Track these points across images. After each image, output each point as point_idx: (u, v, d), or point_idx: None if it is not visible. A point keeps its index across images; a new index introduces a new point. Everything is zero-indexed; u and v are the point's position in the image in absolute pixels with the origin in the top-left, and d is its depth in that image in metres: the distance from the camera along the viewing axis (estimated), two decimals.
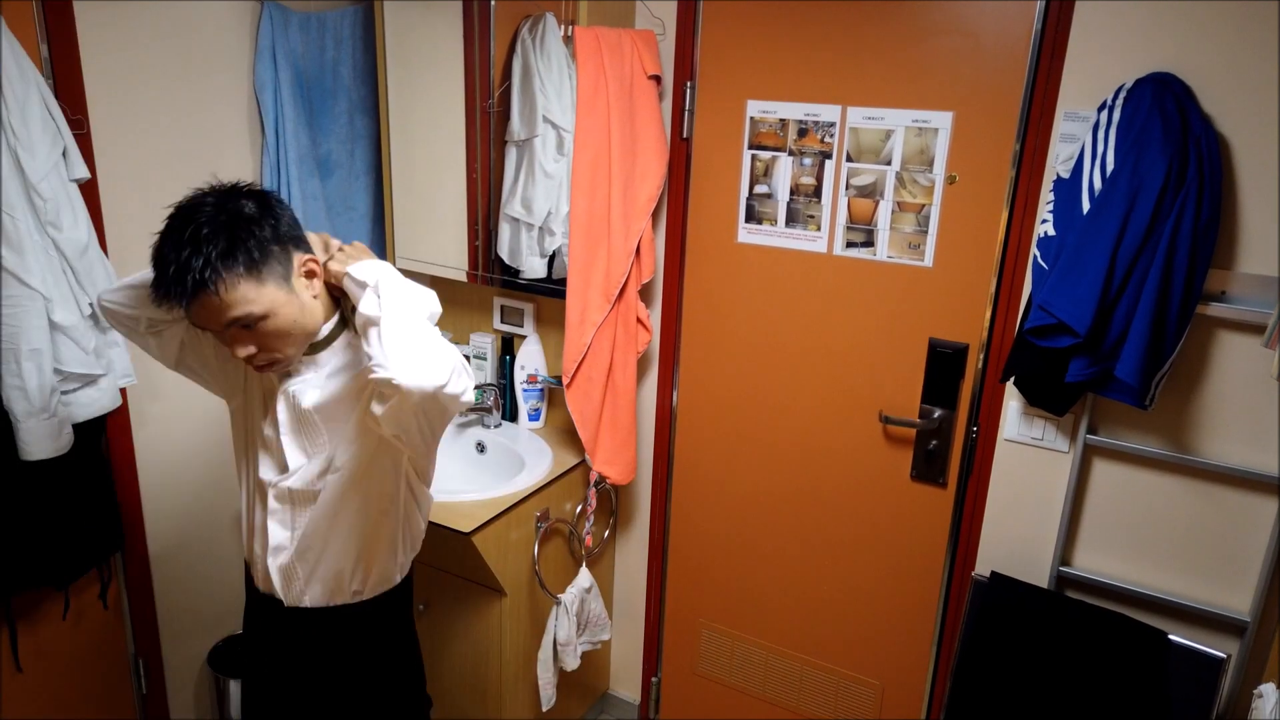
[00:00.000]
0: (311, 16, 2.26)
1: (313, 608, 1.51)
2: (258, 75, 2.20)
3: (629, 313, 2.21)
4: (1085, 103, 1.71)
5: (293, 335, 1.34)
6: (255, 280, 1.27)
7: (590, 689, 2.63)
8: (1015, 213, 1.86)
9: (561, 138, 2.08)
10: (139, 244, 2.02)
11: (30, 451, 1.71)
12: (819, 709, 2.38)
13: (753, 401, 2.28)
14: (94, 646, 2.10)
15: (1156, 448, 1.77)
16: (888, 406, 2.10)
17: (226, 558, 2.38)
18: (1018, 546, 1.95)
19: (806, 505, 2.26)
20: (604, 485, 2.37)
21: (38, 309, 1.67)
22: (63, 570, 1.91)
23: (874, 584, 2.22)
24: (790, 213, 2.12)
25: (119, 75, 1.93)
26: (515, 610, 2.15)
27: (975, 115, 1.87)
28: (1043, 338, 1.65)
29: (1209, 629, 1.79)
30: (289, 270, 1.33)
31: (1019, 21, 1.79)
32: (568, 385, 2.13)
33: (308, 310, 1.36)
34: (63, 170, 1.72)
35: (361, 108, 2.38)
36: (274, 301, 1.30)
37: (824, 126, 2.03)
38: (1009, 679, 1.87)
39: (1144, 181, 1.54)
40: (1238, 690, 1.76)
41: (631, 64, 2.07)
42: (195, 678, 2.37)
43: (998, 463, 1.95)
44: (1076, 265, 1.59)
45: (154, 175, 2.04)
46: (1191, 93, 1.60)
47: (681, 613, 2.54)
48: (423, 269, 2.40)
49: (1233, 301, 1.65)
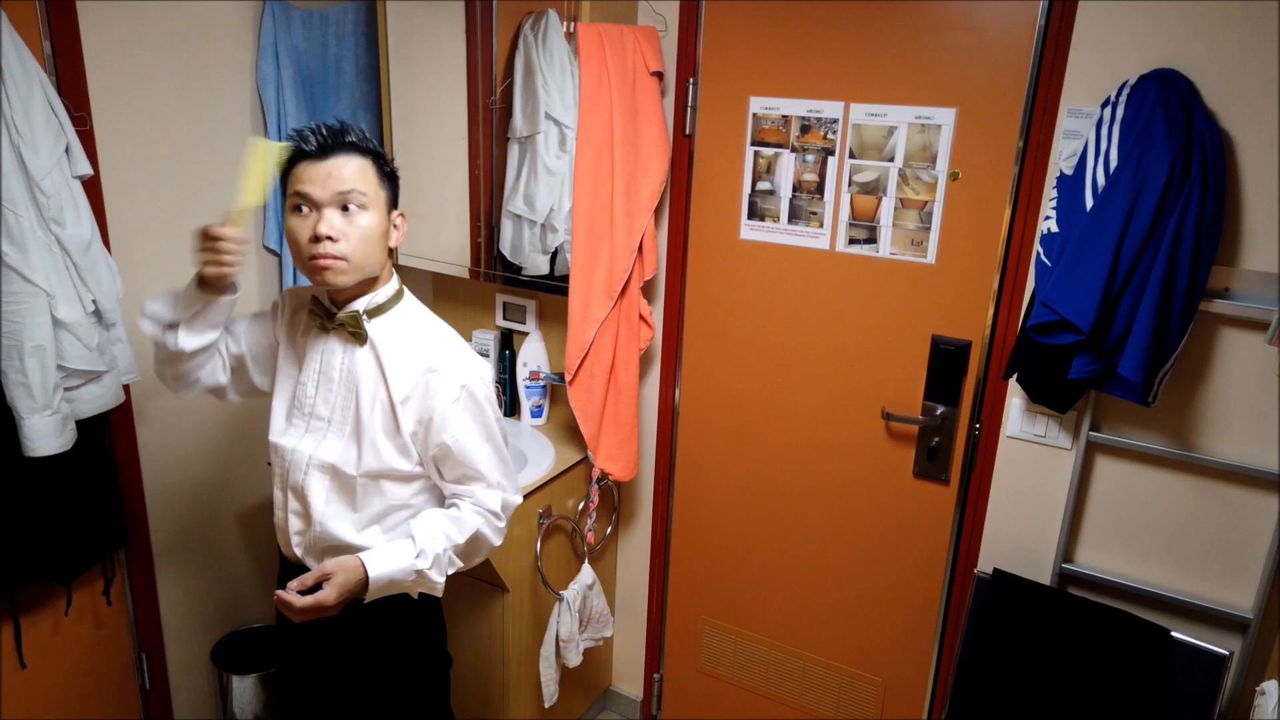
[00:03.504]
0: (314, 13, 2.26)
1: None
2: (260, 72, 2.20)
3: (631, 310, 2.21)
4: (1089, 99, 1.70)
5: (365, 248, 1.44)
6: (376, 179, 1.45)
7: (593, 685, 2.64)
8: (1018, 209, 1.86)
9: (564, 134, 2.08)
10: (142, 240, 2.04)
11: (34, 448, 1.71)
12: (821, 706, 2.38)
13: (755, 398, 2.28)
14: (97, 642, 2.11)
15: (1159, 445, 1.77)
16: (890, 403, 2.10)
17: (229, 554, 2.38)
18: (1020, 543, 1.95)
19: (808, 502, 2.26)
20: (606, 482, 2.38)
21: (41, 305, 1.67)
22: (66, 566, 1.91)
23: (876, 581, 2.22)
24: (793, 209, 2.12)
25: (122, 72, 1.93)
26: (518, 607, 2.15)
27: (978, 112, 1.87)
28: (1046, 334, 1.64)
29: (1211, 626, 1.79)
30: (390, 204, 1.49)
31: (1022, 18, 1.78)
32: (570, 382, 2.13)
33: (382, 246, 1.48)
34: (65, 167, 1.72)
35: (364, 105, 2.38)
36: (376, 206, 1.45)
37: (826, 123, 2.03)
38: (1011, 676, 1.87)
39: (1147, 178, 1.53)
40: (1240, 687, 1.76)
41: (634, 60, 2.06)
42: (198, 674, 2.37)
43: (1000, 460, 1.94)
44: (1080, 262, 1.59)
45: (156, 172, 2.04)
46: (1195, 89, 1.59)
47: (683, 609, 2.54)
48: (425, 265, 2.40)
49: (1236, 298, 1.65)
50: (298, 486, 1.52)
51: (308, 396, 1.53)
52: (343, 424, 1.50)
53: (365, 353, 1.50)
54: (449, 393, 1.46)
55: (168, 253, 2.09)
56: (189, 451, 2.23)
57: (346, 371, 1.50)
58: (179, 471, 2.21)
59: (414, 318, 1.55)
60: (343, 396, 1.50)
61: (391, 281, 1.54)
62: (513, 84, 2.12)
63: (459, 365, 1.49)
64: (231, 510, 2.37)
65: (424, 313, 1.58)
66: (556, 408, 2.48)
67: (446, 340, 1.53)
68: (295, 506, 1.54)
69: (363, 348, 1.50)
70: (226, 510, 2.36)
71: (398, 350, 1.49)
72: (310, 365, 1.53)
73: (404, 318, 1.54)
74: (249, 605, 2.47)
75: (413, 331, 1.52)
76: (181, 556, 2.26)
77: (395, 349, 1.49)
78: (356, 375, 1.49)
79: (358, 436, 1.49)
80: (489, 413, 1.52)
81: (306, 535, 1.54)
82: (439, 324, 1.57)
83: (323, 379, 1.52)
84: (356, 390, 1.49)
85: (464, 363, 1.50)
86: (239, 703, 2.30)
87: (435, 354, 1.49)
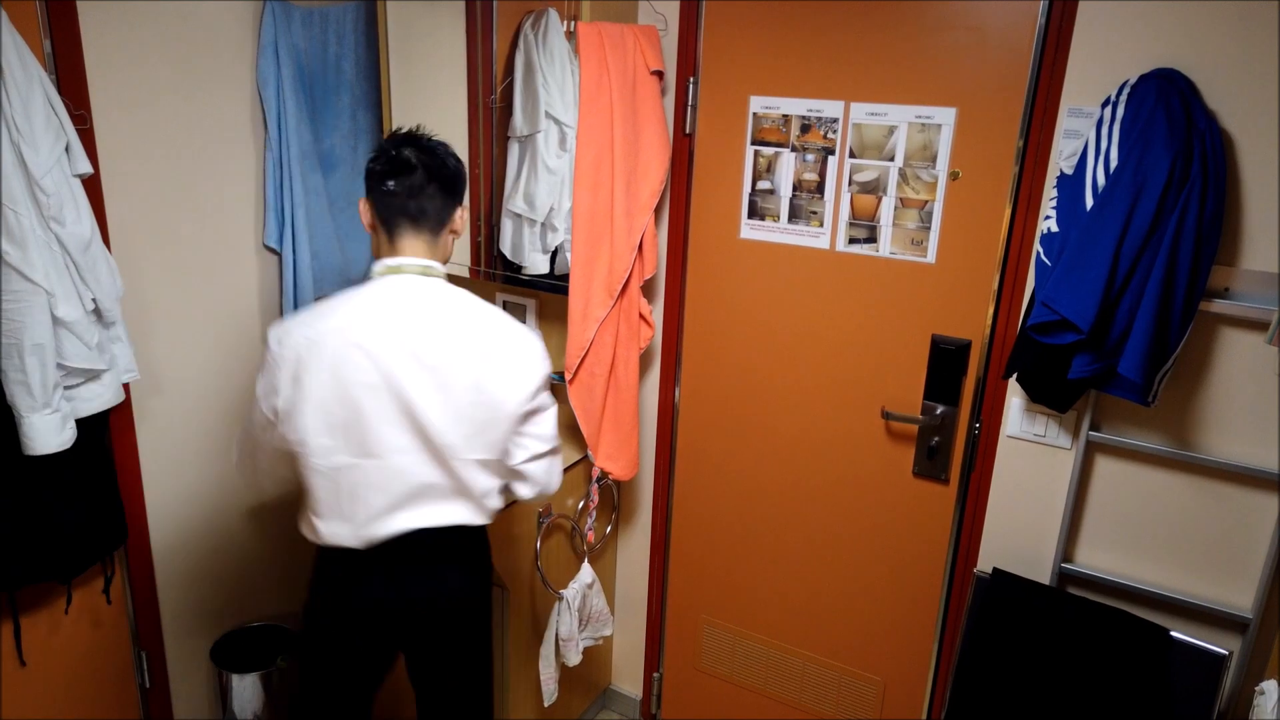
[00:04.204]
0: (314, 12, 2.26)
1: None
2: (260, 71, 2.20)
3: (631, 309, 2.21)
4: (1089, 99, 1.70)
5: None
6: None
7: (592, 684, 2.64)
8: (1018, 209, 1.86)
9: (564, 133, 2.08)
10: (141, 239, 2.03)
11: (33, 446, 1.71)
12: (821, 705, 2.38)
13: (755, 398, 2.28)
14: (97, 641, 2.11)
15: (1159, 444, 1.77)
16: (890, 403, 2.10)
17: (229, 552, 2.38)
18: (1020, 543, 1.95)
19: (808, 501, 2.26)
20: (606, 481, 2.38)
21: (41, 304, 1.67)
22: (66, 565, 1.91)
23: (876, 580, 2.22)
24: (793, 209, 2.12)
25: (122, 70, 1.93)
26: (517, 606, 2.15)
27: (978, 111, 1.87)
28: (1046, 334, 1.64)
29: (1211, 626, 1.79)
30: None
31: (1023, 17, 1.78)
32: (570, 381, 2.13)
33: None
34: (65, 165, 1.72)
35: (364, 103, 2.38)
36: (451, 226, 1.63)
37: (827, 122, 2.03)
38: (1011, 675, 1.87)
39: (1148, 178, 1.53)
40: (1239, 687, 1.76)
41: (634, 60, 2.06)
42: (198, 672, 2.37)
43: (1000, 459, 1.94)
44: (1080, 261, 1.59)
45: (156, 170, 2.04)
46: (1196, 89, 1.59)
47: (683, 608, 2.54)
48: None
49: (1236, 298, 1.65)
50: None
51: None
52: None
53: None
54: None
55: (167, 251, 2.09)
56: (189, 450, 2.23)
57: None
58: (179, 470, 2.21)
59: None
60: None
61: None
62: (513, 83, 2.12)
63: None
64: (232, 508, 2.37)
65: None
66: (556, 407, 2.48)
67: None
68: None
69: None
70: (227, 509, 2.36)
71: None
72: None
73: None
74: (249, 604, 2.47)
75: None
76: (181, 555, 2.26)
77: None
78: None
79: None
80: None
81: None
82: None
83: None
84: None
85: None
86: (239, 701, 2.30)
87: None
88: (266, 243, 2.30)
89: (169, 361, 2.13)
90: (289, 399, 1.49)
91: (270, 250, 2.33)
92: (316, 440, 1.49)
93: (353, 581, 1.60)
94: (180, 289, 2.14)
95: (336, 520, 1.54)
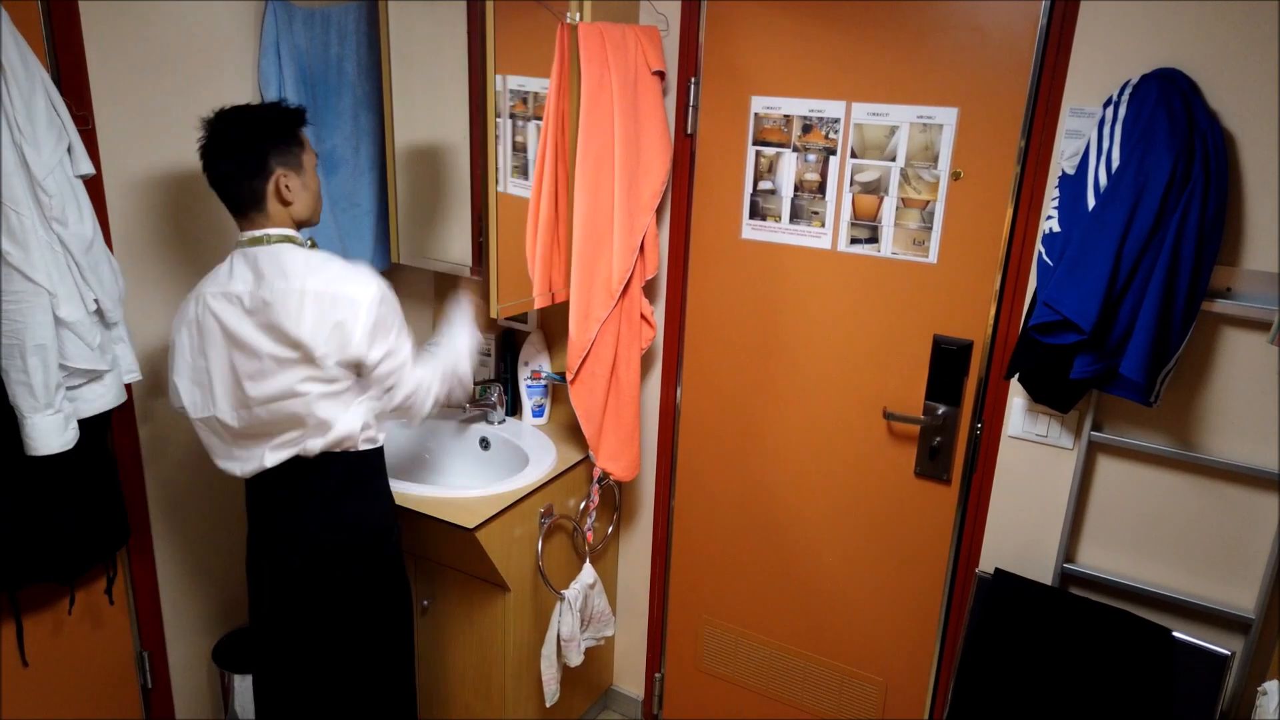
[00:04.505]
0: (316, 12, 2.26)
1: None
2: (262, 71, 2.20)
3: (633, 309, 2.21)
4: (1091, 99, 1.70)
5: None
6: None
7: (594, 685, 2.64)
8: (1020, 209, 1.86)
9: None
10: (143, 239, 2.04)
11: (36, 447, 1.71)
12: (822, 705, 2.38)
13: (756, 398, 2.28)
14: (99, 641, 2.11)
15: (1161, 444, 1.77)
16: (892, 403, 2.10)
17: (231, 552, 2.38)
18: (1022, 543, 1.95)
19: (810, 501, 2.26)
20: (608, 481, 2.38)
21: (43, 304, 1.67)
22: (68, 565, 1.91)
23: (878, 581, 2.22)
24: (794, 209, 2.12)
25: (124, 71, 1.93)
26: (519, 606, 2.15)
27: (980, 111, 1.87)
28: (1047, 334, 1.64)
29: (1213, 626, 1.79)
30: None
31: (1024, 17, 1.78)
32: (572, 382, 2.13)
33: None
34: (67, 166, 1.72)
35: (366, 104, 2.38)
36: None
37: (828, 123, 2.03)
38: (1013, 676, 1.87)
39: (1149, 177, 1.53)
40: (1242, 687, 1.76)
41: (635, 60, 2.06)
42: (200, 672, 2.37)
43: (1002, 459, 1.94)
44: (1082, 262, 1.58)
45: (158, 171, 2.04)
46: (1197, 89, 1.59)
47: (685, 609, 2.54)
48: (427, 265, 2.39)
49: (1238, 298, 1.65)
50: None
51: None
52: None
53: None
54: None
55: (169, 252, 2.09)
56: (190, 450, 2.23)
57: None
58: (181, 470, 2.22)
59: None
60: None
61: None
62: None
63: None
64: (233, 508, 2.37)
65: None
66: (558, 407, 2.48)
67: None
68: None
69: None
70: (228, 509, 2.36)
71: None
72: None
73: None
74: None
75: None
76: (183, 555, 2.27)
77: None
78: None
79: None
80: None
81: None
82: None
83: None
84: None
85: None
86: (240, 701, 2.30)
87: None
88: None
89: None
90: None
91: None
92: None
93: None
94: (182, 290, 2.13)
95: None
